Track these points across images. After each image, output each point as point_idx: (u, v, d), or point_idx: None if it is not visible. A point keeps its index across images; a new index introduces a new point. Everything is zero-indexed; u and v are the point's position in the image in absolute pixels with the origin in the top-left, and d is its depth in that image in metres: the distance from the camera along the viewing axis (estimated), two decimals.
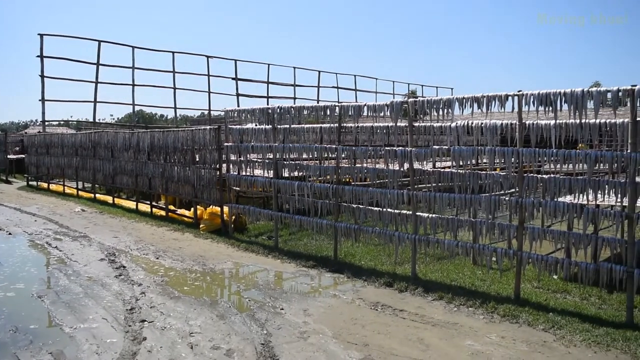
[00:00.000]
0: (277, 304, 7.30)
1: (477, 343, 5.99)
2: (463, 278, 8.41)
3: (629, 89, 6.28)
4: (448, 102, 7.82)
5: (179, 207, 15.17)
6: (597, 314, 6.85)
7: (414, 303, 7.38)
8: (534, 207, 7.20)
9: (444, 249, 8.16)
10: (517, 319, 6.69)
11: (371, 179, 9.17)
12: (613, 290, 7.59)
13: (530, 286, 8.08)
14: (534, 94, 6.95)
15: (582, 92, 6.59)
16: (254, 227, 12.86)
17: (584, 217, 6.81)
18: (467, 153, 7.64)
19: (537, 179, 7.23)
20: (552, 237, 7.23)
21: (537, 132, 7.00)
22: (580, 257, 7.10)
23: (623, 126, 6.41)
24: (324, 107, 9.72)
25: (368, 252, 10.15)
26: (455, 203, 7.94)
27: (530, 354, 5.71)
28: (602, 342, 5.97)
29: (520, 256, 7.35)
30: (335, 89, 26.50)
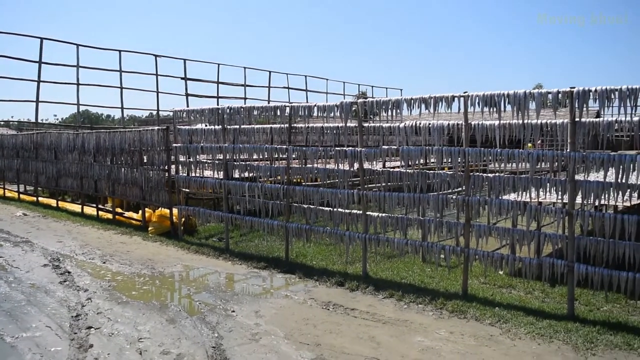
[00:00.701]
0: (229, 307, 7.23)
1: (427, 339, 6.10)
2: (413, 276, 8.56)
3: (568, 90, 6.53)
4: (396, 102, 7.94)
5: (126, 210, 14.81)
6: (540, 307, 7.10)
7: (365, 302, 7.45)
8: (480, 205, 7.40)
9: (394, 247, 8.28)
10: (465, 314, 6.86)
11: (322, 179, 9.21)
12: (555, 284, 7.89)
13: (477, 282, 8.30)
14: (479, 95, 7.14)
15: (525, 93, 6.81)
16: (204, 229, 12.70)
17: (527, 214, 7.04)
18: (415, 153, 7.77)
19: (482, 178, 7.44)
20: (498, 234, 7.45)
21: (482, 132, 7.20)
22: (524, 253, 7.33)
23: (563, 126, 6.67)
24: (275, 108, 9.70)
25: (319, 252, 10.19)
26: (405, 202, 8.07)
27: (478, 347, 5.86)
28: (546, 334, 6.18)
29: (468, 253, 7.54)
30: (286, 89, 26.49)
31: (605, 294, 7.25)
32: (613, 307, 7.27)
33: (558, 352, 5.74)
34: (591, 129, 6.57)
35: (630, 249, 6.37)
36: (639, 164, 6.21)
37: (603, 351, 5.74)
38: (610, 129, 6.44)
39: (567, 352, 5.74)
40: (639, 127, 6.17)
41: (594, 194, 6.55)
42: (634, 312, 7.11)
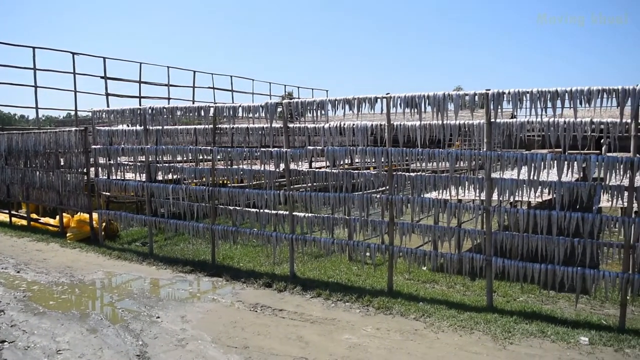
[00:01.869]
0: (153, 313, 7.04)
1: (354, 336, 6.19)
2: (340, 274, 8.67)
3: (484, 92, 6.83)
4: (321, 103, 8.01)
5: (42, 216, 14.09)
6: (461, 300, 7.38)
7: (293, 302, 7.47)
8: (403, 203, 7.60)
9: (321, 247, 8.35)
10: (391, 310, 7.02)
11: (248, 180, 9.14)
12: (475, 278, 8.23)
13: (402, 278, 8.53)
14: (400, 97, 7.32)
15: (444, 95, 7.05)
16: (126, 234, 12.29)
17: (448, 211, 7.30)
18: (340, 153, 7.87)
19: (405, 177, 7.64)
20: (420, 231, 7.69)
21: (404, 132, 7.40)
22: (446, 249, 7.60)
23: (479, 127, 6.96)
24: (199, 108, 9.53)
25: (246, 254, 10.11)
26: (331, 202, 8.16)
27: (403, 342, 6.01)
28: (467, 325, 6.44)
29: (392, 250, 7.72)
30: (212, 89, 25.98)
31: (521, 285, 7.64)
32: (528, 298, 7.68)
33: (478, 342, 5.99)
34: (505, 129, 6.90)
35: (542, 242, 6.74)
36: (549, 163, 6.59)
37: (519, 339, 6.05)
38: (523, 129, 6.79)
39: (487, 342, 5.99)
40: (548, 127, 6.54)
41: (509, 191, 6.89)
42: (547, 301, 7.54)
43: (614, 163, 6.30)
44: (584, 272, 6.55)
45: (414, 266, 8.44)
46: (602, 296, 7.43)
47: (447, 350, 5.79)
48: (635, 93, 6.04)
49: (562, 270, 6.62)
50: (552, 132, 6.53)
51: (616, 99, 6.20)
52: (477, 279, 8.23)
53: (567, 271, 6.61)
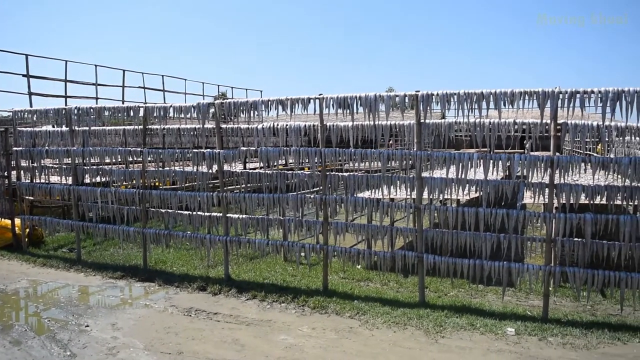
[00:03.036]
0: (82, 321, 6.77)
1: (290, 337, 6.20)
2: (275, 275, 8.65)
3: (414, 94, 7.00)
4: (254, 104, 7.96)
5: None
6: (395, 297, 7.54)
7: (228, 305, 7.39)
8: (337, 203, 7.67)
9: (256, 248, 8.31)
10: (326, 310, 7.07)
11: (180, 182, 8.96)
12: (408, 275, 8.43)
13: (337, 277, 8.61)
14: (333, 97, 7.39)
15: (375, 96, 7.17)
16: (52, 240, 11.74)
17: (381, 210, 7.44)
18: (273, 154, 7.86)
19: (338, 177, 7.72)
20: (354, 230, 7.79)
21: (337, 133, 7.47)
22: (379, 247, 7.73)
23: (410, 127, 7.13)
24: (128, 108, 9.24)
25: (180, 258, 9.92)
26: (265, 203, 8.13)
27: (339, 340, 6.07)
28: (400, 321, 6.58)
29: (327, 250, 7.79)
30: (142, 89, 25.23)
31: (451, 280, 7.86)
32: (459, 292, 7.94)
33: (412, 337, 6.14)
34: (434, 129, 7.10)
35: (470, 238, 6.99)
36: (475, 162, 6.84)
37: (451, 333, 6.24)
38: (451, 129, 7.01)
39: (420, 336, 6.15)
40: (474, 127, 6.79)
41: (439, 190, 7.09)
42: (476, 295, 7.83)
43: (536, 162, 6.62)
44: (509, 266, 6.84)
45: (349, 265, 8.54)
46: (527, 288, 7.78)
47: (381, 346, 5.90)
48: (554, 95, 6.37)
49: (490, 265, 6.89)
50: (478, 133, 6.78)
51: (537, 101, 6.50)
52: (409, 276, 8.43)
53: (494, 265, 6.88)
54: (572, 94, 6.36)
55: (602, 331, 6.22)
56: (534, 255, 8.12)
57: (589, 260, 6.59)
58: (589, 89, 6.32)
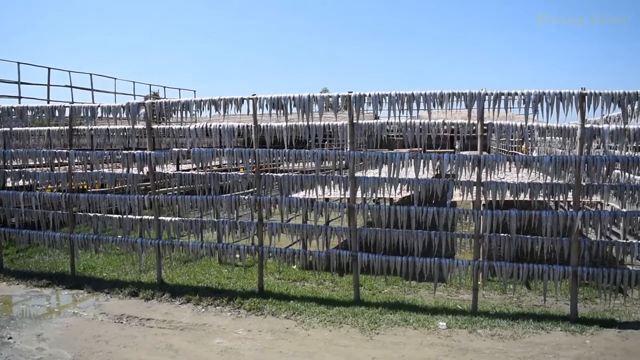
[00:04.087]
0: (4, 333, 6.42)
1: (226, 340, 6.13)
2: (210, 278, 8.53)
3: (347, 95, 7.08)
4: (186, 104, 7.82)
5: None
6: (331, 296, 7.61)
7: (162, 310, 7.22)
8: (272, 204, 7.65)
9: (190, 251, 8.17)
10: (262, 311, 7.04)
11: (109, 184, 8.67)
12: (343, 273, 8.52)
13: (272, 278, 8.59)
14: (266, 98, 7.37)
15: (308, 96, 7.21)
16: None
17: (315, 210, 7.48)
18: (207, 155, 7.74)
19: (273, 178, 7.70)
20: (289, 230, 7.79)
21: (271, 133, 7.46)
22: (314, 247, 7.76)
23: (343, 128, 7.21)
24: (52, 108, 8.84)
25: (110, 263, 9.59)
26: (198, 204, 8.00)
27: (275, 342, 6.06)
28: (336, 320, 6.64)
29: (262, 251, 7.76)
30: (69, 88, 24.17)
31: (385, 277, 8.04)
32: (392, 289, 8.10)
33: (347, 335, 6.20)
34: (367, 129, 7.21)
35: (403, 236, 7.15)
36: (407, 161, 7.00)
37: (385, 329, 6.36)
38: (383, 129, 7.14)
39: (355, 334, 6.23)
40: (405, 128, 6.94)
41: (372, 189, 7.21)
42: (409, 291, 8.01)
43: (464, 161, 6.85)
44: (440, 262, 7.05)
45: (284, 265, 8.53)
46: (457, 283, 8.04)
47: (317, 345, 5.93)
48: (480, 97, 6.61)
49: (422, 262, 7.08)
50: (409, 133, 6.95)
51: (465, 102, 6.73)
52: (344, 275, 8.52)
53: (426, 262, 7.07)
54: (498, 95, 6.63)
55: (528, 321, 6.52)
56: (463, 250, 8.42)
57: (514, 254, 6.89)
58: (512, 91, 6.61)
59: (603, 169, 6.49)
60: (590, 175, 6.57)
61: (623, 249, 6.74)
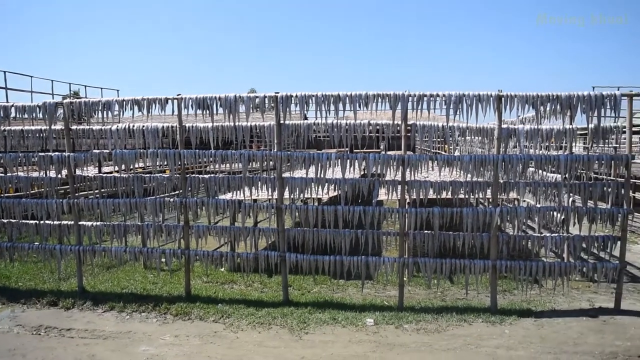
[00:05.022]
0: None
1: (152, 347, 5.96)
2: (135, 284, 8.28)
3: (273, 95, 7.07)
4: (107, 104, 7.54)
5: None
6: (260, 298, 7.57)
7: (83, 319, 6.92)
8: (198, 206, 7.52)
9: (112, 256, 7.87)
10: (190, 316, 6.90)
11: (24, 189, 8.22)
12: (272, 274, 8.49)
13: (200, 282, 8.45)
14: (192, 98, 7.23)
15: (235, 97, 7.14)
16: None
17: (243, 211, 7.42)
18: (129, 156, 7.50)
19: (199, 179, 7.57)
20: (217, 232, 7.68)
21: (196, 134, 7.33)
22: (244, 249, 7.69)
23: (270, 128, 7.19)
24: None
25: (27, 272, 9.10)
26: (121, 208, 7.74)
27: (203, 346, 5.96)
28: (265, 321, 6.61)
29: (188, 254, 7.61)
30: None
31: (314, 277, 8.08)
32: (321, 288, 8.16)
33: (276, 336, 6.19)
34: (294, 130, 7.23)
35: (330, 235, 7.22)
36: (334, 161, 7.08)
37: (314, 328, 6.40)
38: (310, 130, 7.18)
39: (284, 335, 6.23)
40: (332, 128, 7.01)
41: (299, 189, 7.24)
42: (338, 290, 8.10)
43: (389, 160, 7.01)
44: (367, 260, 7.17)
45: (212, 268, 8.40)
46: (384, 280, 8.21)
47: (246, 348, 5.89)
48: (404, 98, 6.78)
49: (349, 260, 7.18)
50: (335, 133, 7.02)
51: (389, 103, 6.88)
52: (273, 276, 8.50)
53: (353, 260, 7.17)
54: (420, 96, 6.82)
55: (451, 315, 6.76)
56: (390, 248, 8.58)
57: (438, 250, 7.12)
58: (434, 92, 6.83)
59: (519, 167, 6.82)
60: (507, 173, 6.88)
61: (538, 242, 7.11)
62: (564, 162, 6.77)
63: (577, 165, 6.89)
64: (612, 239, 7.01)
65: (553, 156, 6.89)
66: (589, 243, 7.10)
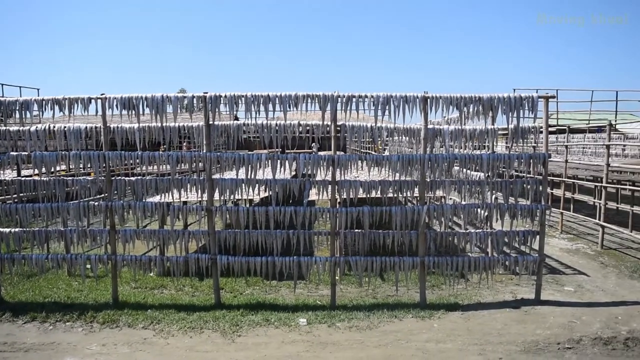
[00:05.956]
0: None
1: (77, 357, 5.73)
2: (58, 292, 7.92)
3: (202, 95, 6.96)
4: (25, 103, 7.18)
5: None
6: (191, 302, 7.43)
7: (2, 331, 6.54)
8: (125, 209, 7.29)
9: (33, 264, 7.50)
10: (118, 323, 6.68)
11: None
12: (204, 278, 8.36)
13: (128, 288, 8.19)
14: (116, 98, 7.01)
15: (162, 97, 6.97)
16: None
17: (172, 214, 7.26)
18: (50, 159, 7.17)
19: (125, 182, 7.33)
20: (145, 236, 7.46)
21: (122, 135, 7.10)
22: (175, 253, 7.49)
23: (199, 129, 7.08)
24: None
25: None
26: (42, 213, 7.38)
27: (132, 354, 5.78)
28: (197, 326, 6.50)
29: (115, 260, 7.36)
30: None
31: (246, 279, 8.03)
32: (254, 290, 8.11)
33: (208, 340, 6.10)
34: (224, 131, 7.15)
35: (262, 236, 7.19)
36: (264, 162, 7.05)
37: (247, 331, 6.36)
38: (240, 130, 7.12)
39: (217, 338, 6.15)
40: (262, 129, 6.99)
41: (229, 191, 7.16)
42: (270, 291, 8.07)
43: (319, 161, 7.06)
44: (299, 260, 7.20)
45: (140, 274, 8.15)
46: (316, 280, 8.26)
47: (177, 354, 5.77)
48: (333, 99, 6.85)
49: (281, 261, 7.17)
50: (265, 134, 7.00)
51: (319, 104, 6.93)
52: (205, 279, 8.36)
53: (286, 261, 7.18)
54: (349, 97, 6.91)
55: (382, 311, 6.90)
56: (322, 248, 8.67)
57: (368, 249, 7.24)
58: (363, 94, 6.94)
59: (444, 166, 7.05)
60: (433, 172, 7.10)
61: (463, 238, 7.38)
62: (487, 160, 7.06)
63: (499, 163, 7.20)
64: (531, 233, 7.37)
65: (476, 155, 7.17)
66: (511, 238, 7.43)
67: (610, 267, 9.59)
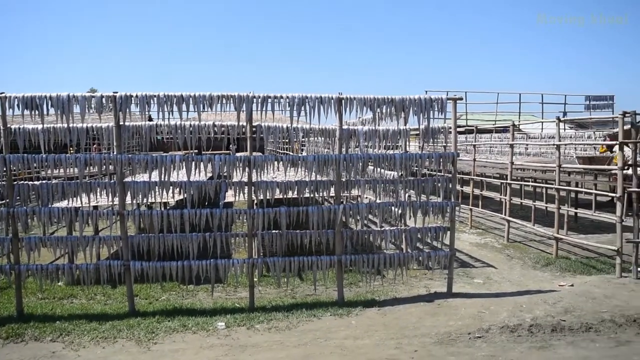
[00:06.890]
0: None
1: None
2: None
3: (111, 95, 6.71)
4: None
5: None
6: (103, 311, 7.13)
7: None
8: (28, 215, 6.89)
9: None
10: (23, 337, 6.27)
11: None
12: (117, 285, 8.03)
13: (35, 299, 7.74)
14: (17, 97, 6.61)
15: (68, 96, 6.65)
16: None
17: (80, 219, 6.94)
18: None
19: (29, 186, 6.92)
20: (51, 244, 7.08)
21: (24, 136, 6.71)
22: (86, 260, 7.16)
23: (109, 130, 6.81)
24: None
25: None
26: None
27: None
28: (110, 335, 6.22)
29: (19, 270, 6.92)
30: None
31: (161, 284, 7.79)
32: (170, 295, 7.91)
33: (122, 349, 5.87)
34: (135, 132, 6.92)
35: (177, 240, 7.03)
36: (178, 164, 6.90)
37: (163, 338, 6.17)
38: (153, 131, 6.93)
39: (131, 347, 5.93)
40: (175, 130, 6.84)
41: (142, 194, 6.94)
42: (187, 295, 7.90)
43: (235, 162, 6.99)
44: (217, 263, 7.10)
45: (47, 283, 7.71)
46: (234, 282, 8.18)
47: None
48: (248, 99, 6.82)
49: (198, 264, 7.04)
50: (179, 135, 6.85)
51: (234, 104, 6.87)
52: (118, 286, 8.02)
53: (202, 264, 7.05)
54: (265, 98, 6.91)
55: (301, 311, 6.93)
56: (240, 250, 8.59)
57: (286, 249, 7.26)
58: (278, 94, 6.96)
59: (359, 165, 7.20)
60: (348, 171, 7.22)
61: (379, 236, 7.57)
62: (400, 160, 7.28)
63: (411, 162, 7.45)
64: (443, 229, 7.68)
65: (390, 155, 7.37)
66: (424, 234, 7.71)
67: (515, 259, 10.17)
